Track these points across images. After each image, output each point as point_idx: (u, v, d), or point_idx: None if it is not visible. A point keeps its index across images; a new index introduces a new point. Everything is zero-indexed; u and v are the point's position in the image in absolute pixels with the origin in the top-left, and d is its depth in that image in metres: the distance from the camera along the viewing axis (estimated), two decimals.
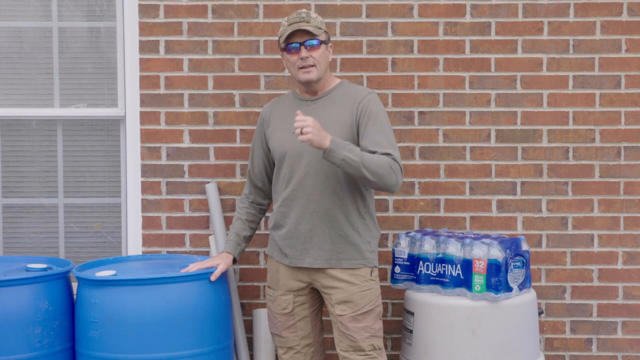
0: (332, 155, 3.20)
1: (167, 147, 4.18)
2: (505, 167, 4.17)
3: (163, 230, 4.19)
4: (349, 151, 3.21)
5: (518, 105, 4.16)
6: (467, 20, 4.14)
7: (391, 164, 3.27)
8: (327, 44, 3.45)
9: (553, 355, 4.21)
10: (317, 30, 3.38)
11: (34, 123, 4.33)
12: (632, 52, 4.15)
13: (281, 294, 3.50)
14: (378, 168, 3.23)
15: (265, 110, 3.63)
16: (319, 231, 3.39)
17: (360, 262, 3.41)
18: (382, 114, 3.41)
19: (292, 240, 3.44)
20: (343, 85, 3.52)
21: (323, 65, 3.42)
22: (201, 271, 3.53)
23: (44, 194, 4.35)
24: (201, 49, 4.15)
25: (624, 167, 4.17)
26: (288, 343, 3.53)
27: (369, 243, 3.45)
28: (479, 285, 3.55)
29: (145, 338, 3.38)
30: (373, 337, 3.41)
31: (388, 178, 3.26)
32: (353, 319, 3.38)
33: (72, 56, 4.33)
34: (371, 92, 3.47)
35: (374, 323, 3.42)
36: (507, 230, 4.17)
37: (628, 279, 4.19)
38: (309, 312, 3.52)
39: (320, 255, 3.40)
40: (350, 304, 3.38)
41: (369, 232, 3.47)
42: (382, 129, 3.36)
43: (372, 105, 3.39)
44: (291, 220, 3.44)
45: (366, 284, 3.41)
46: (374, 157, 3.26)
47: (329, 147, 3.19)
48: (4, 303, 3.42)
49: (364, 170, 3.21)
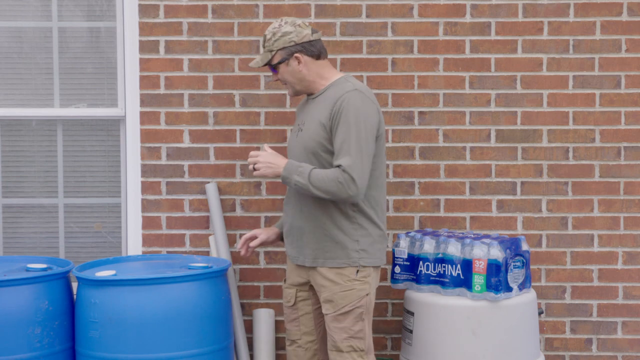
0: (286, 181, 3.32)
1: (167, 147, 4.18)
2: (505, 167, 4.17)
3: (163, 230, 4.19)
4: (299, 174, 3.27)
5: (518, 105, 4.16)
6: (467, 20, 4.14)
7: (339, 177, 3.22)
8: (289, 60, 3.38)
9: (553, 355, 4.21)
10: (268, 55, 3.39)
11: (34, 123, 4.33)
12: (632, 52, 4.15)
13: (287, 286, 3.57)
14: (326, 185, 3.23)
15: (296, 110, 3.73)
16: (307, 229, 3.40)
17: (344, 261, 3.35)
18: (352, 115, 3.27)
19: (289, 238, 3.49)
20: (338, 83, 3.43)
21: (294, 79, 3.41)
22: (201, 271, 3.54)
23: (44, 194, 4.35)
24: (201, 49, 4.15)
25: (624, 167, 4.17)
26: (291, 336, 3.57)
27: (357, 242, 3.37)
28: (479, 285, 3.55)
29: (145, 338, 3.38)
30: (352, 339, 3.35)
31: (339, 193, 3.24)
32: (334, 319, 3.36)
33: (72, 56, 4.33)
34: (350, 91, 3.33)
35: (353, 324, 3.35)
36: (507, 230, 4.17)
37: (628, 279, 4.19)
38: (312, 309, 3.53)
39: (308, 254, 3.41)
40: (332, 303, 3.36)
41: (360, 230, 3.37)
42: (347, 133, 3.27)
43: (345, 106, 3.29)
44: (288, 219, 3.48)
45: (348, 284, 3.35)
46: (323, 175, 3.25)
47: (281, 174, 3.31)
48: (4, 303, 3.42)
49: (314, 190, 3.25)
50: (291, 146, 3.50)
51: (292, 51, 3.38)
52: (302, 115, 3.49)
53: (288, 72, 3.41)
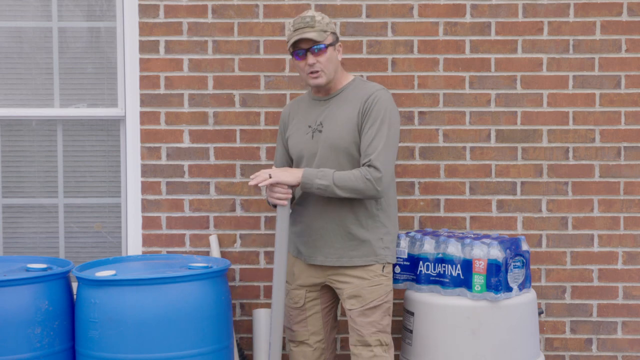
0: (307, 186, 3.33)
1: (167, 147, 4.18)
2: (505, 167, 4.17)
3: (163, 230, 4.19)
4: (321, 178, 3.30)
5: (518, 105, 4.16)
6: (467, 20, 4.14)
7: (366, 174, 3.30)
8: (335, 45, 3.45)
9: (553, 355, 4.21)
10: (322, 34, 3.37)
11: (34, 123, 4.33)
12: (632, 52, 4.15)
13: (294, 288, 3.56)
14: (352, 184, 3.30)
15: (285, 112, 3.68)
16: (329, 229, 3.43)
17: (372, 258, 3.44)
18: (383, 113, 3.38)
19: (306, 237, 3.49)
20: (356, 82, 3.53)
21: (332, 67, 3.42)
22: (201, 271, 3.54)
23: (44, 194, 4.35)
24: (201, 49, 4.15)
25: (624, 167, 4.17)
26: (298, 337, 3.57)
27: (381, 240, 3.46)
28: (479, 285, 3.55)
29: (145, 338, 3.38)
30: (380, 333, 3.43)
31: (366, 190, 3.32)
32: (361, 314, 3.41)
33: (72, 56, 4.33)
34: (379, 89, 3.45)
35: (381, 318, 3.44)
36: (507, 230, 4.17)
37: (628, 279, 4.19)
38: (321, 308, 3.55)
39: (331, 253, 3.43)
40: (359, 298, 3.41)
41: (383, 228, 3.47)
42: (378, 130, 3.36)
43: (375, 104, 3.38)
44: (305, 218, 3.48)
45: (376, 279, 3.44)
46: (347, 175, 3.31)
47: (301, 180, 3.31)
48: (4, 303, 3.42)
49: (339, 190, 3.29)
50: (305, 148, 3.47)
51: (337, 38, 3.48)
52: (313, 115, 3.49)
53: (331, 58, 3.42)
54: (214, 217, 4.18)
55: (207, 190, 4.18)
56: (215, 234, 4.17)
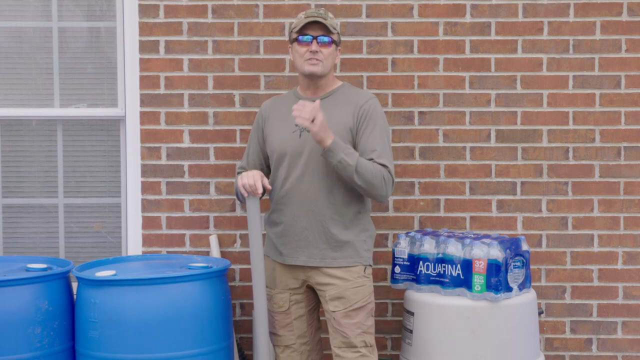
0: (330, 154, 3.26)
1: (167, 147, 4.18)
2: (505, 167, 4.17)
3: (163, 230, 4.19)
4: (347, 155, 3.27)
5: (518, 105, 4.16)
6: (467, 20, 4.14)
7: (385, 175, 3.34)
8: (337, 46, 3.50)
9: (553, 355, 4.21)
10: (332, 29, 3.43)
11: (34, 123, 4.33)
12: (632, 52, 4.15)
13: (278, 292, 3.52)
14: (371, 176, 3.30)
15: (264, 107, 3.65)
16: (313, 229, 3.41)
17: (356, 260, 3.44)
18: (381, 121, 3.45)
19: (288, 237, 3.46)
20: (345, 87, 3.56)
21: (329, 64, 3.44)
22: (201, 271, 3.54)
23: (44, 194, 4.35)
24: (201, 49, 4.15)
25: (624, 167, 4.17)
26: (284, 341, 3.55)
27: (364, 242, 3.47)
28: (479, 285, 3.55)
29: (145, 338, 3.38)
30: (365, 334, 3.43)
31: (379, 188, 3.34)
32: (346, 315, 3.40)
33: (72, 56, 4.33)
34: (373, 97, 3.50)
35: (365, 320, 3.43)
36: (507, 230, 4.17)
37: (628, 279, 4.19)
38: (305, 311, 3.53)
39: (314, 254, 3.42)
40: (343, 299, 3.40)
41: (366, 231, 3.49)
42: (381, 137, 3.40)
43: (373, 111, 3.43)
44: (287, 218, 3.45)
45: (359, 280, 3.43)
46: (370, 165, 3.31)
47: (329, 146, 3.25)
48: (4, 303, 3.42)
49: (356, 175, 3.27)
50: (290, 146, 3.43)
51: (340, 41, 3.55)
52: None
53: (332, 55, 3.47)
54: (214, 217, 4.18)
55: (207, 190, 4.18)
56: (215, 234, 4.17)
